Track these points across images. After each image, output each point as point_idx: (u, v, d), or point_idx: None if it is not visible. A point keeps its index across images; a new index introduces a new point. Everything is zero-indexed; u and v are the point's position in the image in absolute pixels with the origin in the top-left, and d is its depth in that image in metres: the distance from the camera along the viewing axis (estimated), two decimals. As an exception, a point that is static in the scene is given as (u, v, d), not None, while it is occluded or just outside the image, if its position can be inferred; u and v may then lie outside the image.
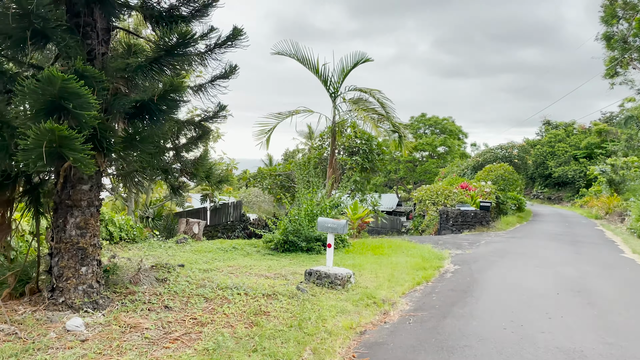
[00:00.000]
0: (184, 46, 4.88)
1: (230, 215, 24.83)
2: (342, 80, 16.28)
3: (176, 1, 5.66)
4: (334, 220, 8.41)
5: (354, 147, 21.08)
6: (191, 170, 7.85)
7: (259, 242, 13.90)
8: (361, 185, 21.56)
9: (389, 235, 36.07)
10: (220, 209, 25.12)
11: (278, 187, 18.94)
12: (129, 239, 13.10)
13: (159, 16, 5.63)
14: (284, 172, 21.43)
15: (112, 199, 22.75)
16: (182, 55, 4.98)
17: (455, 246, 14.98)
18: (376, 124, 15.20)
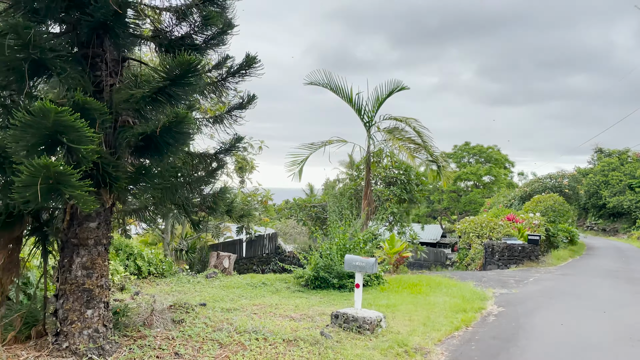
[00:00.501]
0: (189, 75, 4.58)
1: (266, 248, 24.49)
2: (376, 109, 15.90)
3: (190, 29, 5.41)
4: (362, 258, 7.87)
5: (392, 178, 20.51)
6: (210, 205, 7.52)
7: (291, 278, 13.43)
8: (399, 218, 20.83)
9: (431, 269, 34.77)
10: (255, 240, 24.82)
11: (312, 219, 18.52)
12: (157, 274, 12.90)
13: (169, 45, 5.39)
14: (319, 203, 21.00)
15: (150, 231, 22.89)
16: (189, 85, 4.67)
17: (500, 284, 14.01)
18: (412, 153, 14.65)
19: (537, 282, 14.40)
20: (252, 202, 23.90)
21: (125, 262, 12.18)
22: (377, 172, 20.47)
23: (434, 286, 12.96)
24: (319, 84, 15.91)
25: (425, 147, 14.74)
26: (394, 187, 20.10)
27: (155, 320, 6.60)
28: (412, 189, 20.70)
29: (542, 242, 23.25)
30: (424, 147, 14.85)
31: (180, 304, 8.01)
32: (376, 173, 20.54)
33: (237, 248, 26.01)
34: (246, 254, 25.72)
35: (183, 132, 4.86)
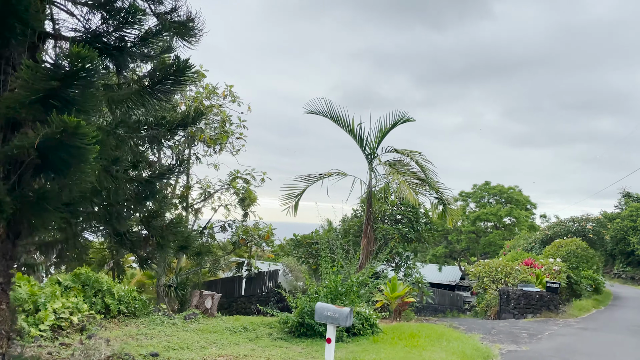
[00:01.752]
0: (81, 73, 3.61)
1: (265, 286, 23.31)
2: (379, 141, 14.97)
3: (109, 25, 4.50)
4: (336, 308, 6.71)
5: (398, 215, 19.33)
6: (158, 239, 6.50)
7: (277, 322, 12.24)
8: (405, 259, 19.53)
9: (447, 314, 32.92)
10: (255, 278, 23.72)
11: (313, 256, 17.41)
12: (129, 313, 11.83)
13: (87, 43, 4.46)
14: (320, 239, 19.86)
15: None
16: (84, 86, 3.70)
17: (510, 338, 12.54)
18: (416, 189, 13.53)
19: (553, 337, 12.87)
20: (253, 236, 22.92)
21: (92, 299, 11.15)
22: (383, 208, 19.33)
23: (434, 338, 11.59)
24: (319, 113, 15.10)
25: (429, 183, 13.63)
26: (400, 226, 18.88)
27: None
28: (421, 227, 19.43)
29: (562, 290, 21.55)
30: (427, 183, 13.74)
31: (121, 354, 6.90)
32: (381, 210, 19.38)
33: (236, 285, 24.91)
34: (245, 292, 24.58)
35: (78, 147, 3.86)
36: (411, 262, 20.02)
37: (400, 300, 15.19)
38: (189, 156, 22.09)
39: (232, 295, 25.01)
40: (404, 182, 13.25)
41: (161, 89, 4.54)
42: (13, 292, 9.31)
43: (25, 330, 8.37)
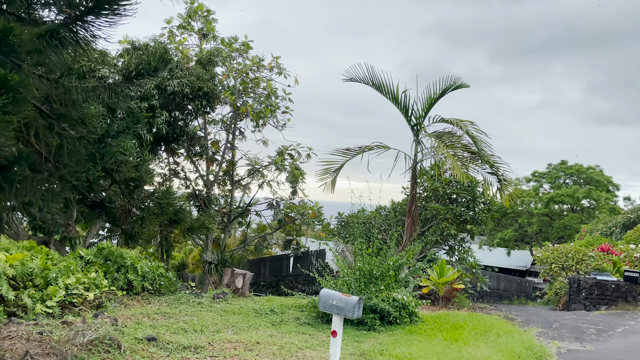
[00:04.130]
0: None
1: (313, 266, 22.77)
2: (427, 110, 13.70)
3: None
4: (342, 296, 5.77)
5: (452, 194, 17.95)
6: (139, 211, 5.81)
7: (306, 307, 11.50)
8: (458, 241, 18.20)
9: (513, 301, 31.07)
10: (302, 257, 23.25)
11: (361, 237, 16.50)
12: (153, 290, 11.46)
13: None
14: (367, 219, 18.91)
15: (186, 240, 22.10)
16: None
17: (574, 334, 11.04)
18: (466, 163, 12.18)
19: (626, 335, 11.21)
20: (300, 213, 22.38)
21: (114, 275, 10.85)
22: (434, 186, 18.01)
23: (482, 331, 10.36)
24: (360, 80, 14.01)
25: (482, 156, 12.23)
26: (454, 205, 17.51)
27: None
28: (478, 208, 17.98)
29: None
30: (480, 156, 12.34)
31: (105, 339, 6.32)
32: (432, 187, 18.07)
33: (284, 264, 24.62)
34: (292, 271, 24.23)
35: None
36: (466, 246, 18.81)
37: (449, 286, 13.99)
38: (233, 130, 21.72)
39: (280, 274, 24.77)
40: (452, 156, 11.95)
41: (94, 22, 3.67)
42: (23, 266, 9.12)
43: (29, 306, 8.07)
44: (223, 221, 22.01)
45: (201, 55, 18.46)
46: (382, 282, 10.70)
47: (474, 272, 17.29)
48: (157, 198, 5.94)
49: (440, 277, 13.71)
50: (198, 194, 21.03)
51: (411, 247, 11.41)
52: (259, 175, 22.51)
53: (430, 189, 18.85)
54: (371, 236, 11.50)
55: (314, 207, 22.25)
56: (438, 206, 17.70)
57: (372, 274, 10.71)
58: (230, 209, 22.11)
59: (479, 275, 17.50)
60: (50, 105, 4.29)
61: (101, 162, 4.63)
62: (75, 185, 4.81)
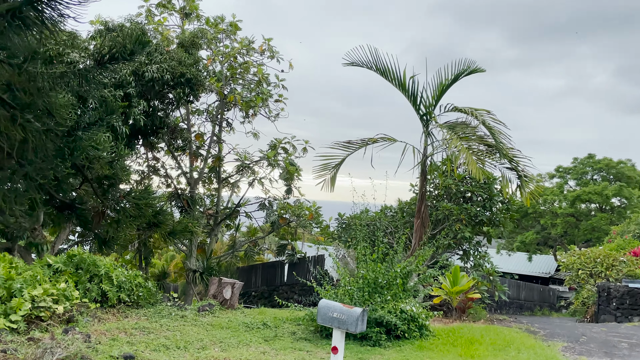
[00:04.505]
0: None
1: (310, 274, 22.78)
2: (437, 98, 13.74)
3: None
4: (344, 308, 5.79)
5: (467, 192, 18.00)
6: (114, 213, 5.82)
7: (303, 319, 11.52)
8: (474, 246, 18.25)
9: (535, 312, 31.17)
10: (298, 264, 23.32)
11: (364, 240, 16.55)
12: (131, 302, 11.46)
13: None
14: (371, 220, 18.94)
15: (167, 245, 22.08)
16: None
17: (603, 348, 11.08)
18: (482, 157, 12.20)
19: (663, 350, 11.24)
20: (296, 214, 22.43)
21: (86, 285, 10.83)
22: (446, 183, 18.07)
23: (500, 347, 10.40)
24: (362, 65, 14.02)
25: (500, 149, 12.25)
26: (468, 205, 17.57)
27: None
28: (496, 207, 18.04)
29: (682, 288, 19.40)
30: (497, 149, 12.36)
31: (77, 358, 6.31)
32: (445, 185, 18.14)
33: (278, 272, 24.68)
34: (287, 280, 24.29)
35: None
36: (482, 250, 18.92)
37: (464, 295, 14.05)
38: (219, 121, 21.71)
39: (273, 283, 24.81)
40: (466, 149, 11.96)
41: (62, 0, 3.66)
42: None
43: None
44: (209, 224, 22.00)
45: (183, 37, 18.43)
46: (389, 292, 10.74)
47: (492, 280, 17.35)
48: (134, 198, 5.94)
49: (453, 286, 13.76)
50: (180, 194, 21.03)
51: (421, 251, 11.44)
52: (249, 172, 22.52)
53: (442, 186, 18.90)
54: (376, 240, 11.54)
55: (311, 208, 22.27)
56: (451, 206, 17.78)
57: (377, 283, 10.74)
58: (216, 210, 22.11)
59: (497, 283, 17.56)
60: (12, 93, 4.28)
61: (71, 158, 4.62)
62: (42, 184, 4.80)
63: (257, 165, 22.35)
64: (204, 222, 21.26)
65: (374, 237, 16.79)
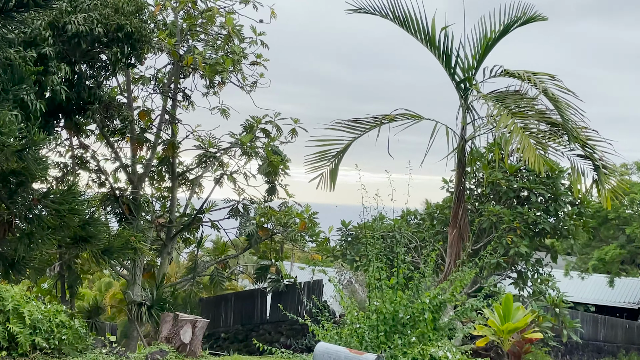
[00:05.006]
0: None
1: (303, 307, 22.97)
2: (481, 57, 13.87)
3: None
4: (350, 354, 5.89)
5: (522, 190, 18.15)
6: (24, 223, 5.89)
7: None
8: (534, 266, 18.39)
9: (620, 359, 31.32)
10: (285, 293, 23.44)
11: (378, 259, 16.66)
12: (50, 349, 11.49)
13: None
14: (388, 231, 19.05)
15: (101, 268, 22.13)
16: None
17: None
18: (543, 140, 12.30)
19: None
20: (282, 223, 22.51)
21: (-13, 326, 10.86)
22: (493, 178, 18.17)
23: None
24: (374, 12, 14.09)
25: (568, 130, 12.29)
26: (525, 208, 17.71)
27: None
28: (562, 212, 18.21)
29: None
30: (565, 130, 12.43)
31: None
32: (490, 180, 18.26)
33: (257, 305, 24.90)
34: (270, 315, 24.45)
35: None
36: (544, 271, 19.02)
37: (519, 336, 14.15)
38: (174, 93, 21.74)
39: (251, 320, 24.96)
40: (521, 130, 11.99)
41: None
42: None
43: None
44: (159, 238, 22.03)
45: (120, -28, 18.42)
46: (414, 331, 10.81)
47: (558, 313, 17.42)
48: (53, 202, 5.99)
49: (504, 322, 13.83)
50: (119, 195, 21.03)
51: (458, 274, 11.49)
52: (216, 163, 22.55)
53: (488, 182, 18.95)
54: (395, 258, 11.58)
55: (304, 214, 22.33)
56: (500, 209, 17.92)
57: (397, 319, 10.81)
58: (170, 219, 22.13)
59: (566, 318, 17.63)
60: None
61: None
62: None
63: (227, 155, 22.39)
64: (152, 235, 21.26)
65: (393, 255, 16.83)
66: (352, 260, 20.41)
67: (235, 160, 22.59)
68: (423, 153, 14.23)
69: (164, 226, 21.96)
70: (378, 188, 13.04)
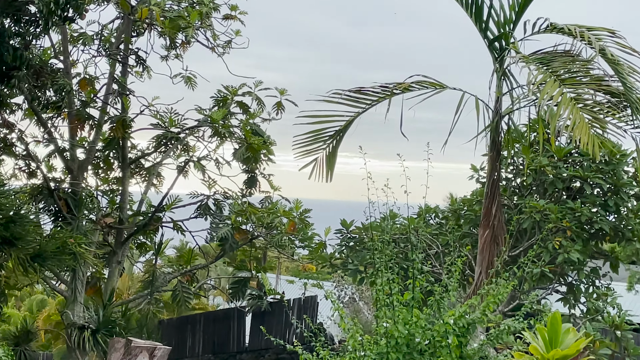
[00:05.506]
0: None
1: (292, 331, 23.03)
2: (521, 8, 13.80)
3: None
4: None
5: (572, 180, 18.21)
6: None
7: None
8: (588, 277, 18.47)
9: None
10: (269, 313, 23.49)
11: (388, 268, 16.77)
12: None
13: None
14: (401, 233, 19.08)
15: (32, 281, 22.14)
16: None
17: None
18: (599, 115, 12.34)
19: None
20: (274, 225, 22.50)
21: None
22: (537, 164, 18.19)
23: None
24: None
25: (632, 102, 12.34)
26: (577, 203, 17.81)
27: None
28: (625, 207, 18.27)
29: None
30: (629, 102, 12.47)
31: None
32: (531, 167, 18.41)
33: (233, 328, 24.92)
34: (251, 342, 24.50)
35: None
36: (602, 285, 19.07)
37: (570, 365, 14.20)
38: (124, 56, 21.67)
39: (226, 348, 25.05)
40: (571, 102, 12.00)
41: None
42: None
43: None
44: (106, 243, 22.02)
45: None
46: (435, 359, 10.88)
47: (619, 337, 17.40)
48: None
49: (551, 349, 13.83)
50: (54, 188, 20.99)
51: (491, 288, 11.52)
52: (180, 147, 22.53)
53: (529, 169, 18.94)
54: (410, 267, 11.60)
55: (293, 212, 22.32)
56: (545, 204, 17.92)
57: (412, 344, 10.85)
58: (121, 218, 22.11)
59: (630, 344, 17.57)
60: None
61: None
62: None
63: (194, 136, 22.36)
64: (98, 239, 21.24)
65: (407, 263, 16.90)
66: (356, 270, 20.32)
67: (204, 143, 22.54)
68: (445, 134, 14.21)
69: (113, 227, 21.89)
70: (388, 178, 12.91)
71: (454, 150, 16.47)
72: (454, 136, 14.76)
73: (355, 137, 14.90)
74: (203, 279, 25.56)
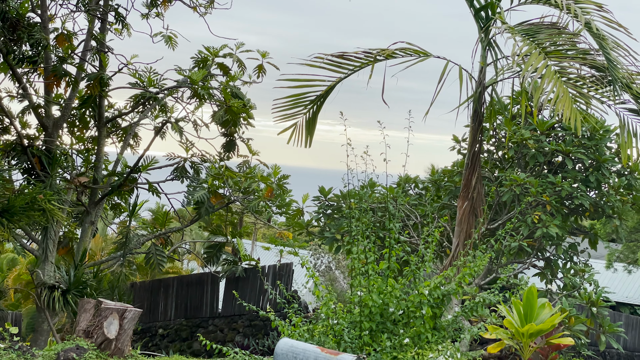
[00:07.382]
0: None
1: (266, 297, 23.08)
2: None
3: None
4: (321, 354, 5.96)
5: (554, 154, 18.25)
6: None
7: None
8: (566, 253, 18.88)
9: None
10: (244, 280, 23.52)
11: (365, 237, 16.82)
12: None
13: None
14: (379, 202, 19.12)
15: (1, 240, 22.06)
16: None
17: None
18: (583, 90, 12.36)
19: None
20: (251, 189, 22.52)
21: None
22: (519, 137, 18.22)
23: None
24: None
25: (616, 77, 12.37)
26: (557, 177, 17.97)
27: None
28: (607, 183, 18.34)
29: None
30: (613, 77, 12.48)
31: None
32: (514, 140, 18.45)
33: (207, 293, 24.96)
34: (224, 307, 24.55)
35: None
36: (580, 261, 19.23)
37: (544, 340, 14.35)
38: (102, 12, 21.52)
39: (199, 313, 25.07)
40: (555, 75, 12.01)
41: None
42: None
43: None
44: (80, 203, 21.97)
45: None
46: (407, 330, 10.94)
47: (595, 314, 17.60)
48: None
49: (525, 323, 13.96)
50: (28, 145, 20.89)
51: (468, 259, 11.59)
52: (157, 107, 22.43)
53: (511, 142, 19.03)
54: (387, 237, 11.64)
55: (271, 177, 22.33)
56: (526, 178, 17.99)
57: (386, 314, 10.94)
58: (95, 178, 22.05)
59: (605, 321, 17.84)
60: None
61: None
62: None
63: (173, 97, 22.26)
64: (71, 198, 21.18)
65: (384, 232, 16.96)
66: (332, 238, 20.34)
67: (182, 104, 22.49)
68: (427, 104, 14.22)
69: (87, 187, 21.84)
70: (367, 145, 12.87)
71: (437, 122, 16.52)
72: (438, 108, 14.80)
73: (337, 104, 14.86)
74: (178, 243, 25.58)
